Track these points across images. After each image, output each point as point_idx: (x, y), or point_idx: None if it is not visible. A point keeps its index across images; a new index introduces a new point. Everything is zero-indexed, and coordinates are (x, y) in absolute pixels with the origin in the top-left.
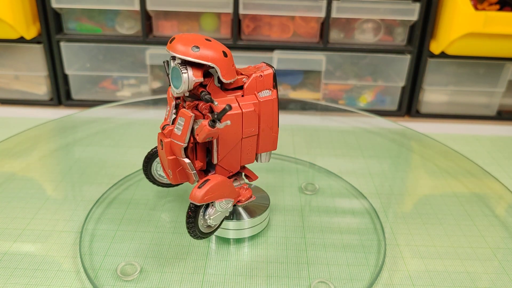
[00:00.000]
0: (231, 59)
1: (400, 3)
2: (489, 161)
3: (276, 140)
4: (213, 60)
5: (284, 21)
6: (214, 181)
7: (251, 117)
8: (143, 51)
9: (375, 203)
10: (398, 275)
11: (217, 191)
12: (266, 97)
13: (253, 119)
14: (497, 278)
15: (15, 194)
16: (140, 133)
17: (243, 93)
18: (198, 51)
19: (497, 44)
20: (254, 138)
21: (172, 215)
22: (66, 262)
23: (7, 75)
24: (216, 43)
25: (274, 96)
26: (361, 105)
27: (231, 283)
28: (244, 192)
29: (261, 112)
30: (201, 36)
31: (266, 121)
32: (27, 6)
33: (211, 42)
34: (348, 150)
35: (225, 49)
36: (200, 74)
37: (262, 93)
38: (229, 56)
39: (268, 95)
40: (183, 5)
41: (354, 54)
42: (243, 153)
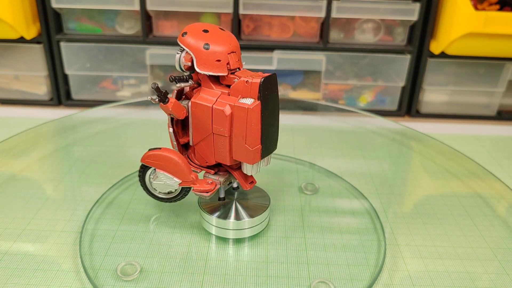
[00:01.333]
0: (215, 54)
1: (400, 3)
2: (489, 161)
3: (250, 154)
4: (190, 47)
5: (284, 21)
6: (162, 152)
7: (220, 115)
8: (143, 51)
9: (375, 203)
10: (398, 275)
11: (162, 162)
12: (241, 104)
13: (222, 119)
14: (497, 278)
15: (15, 194)
16: (140, 133)
17: (229, 92)
18: (184, 37)
19: (497, 44)
20: (225, 139)
21: (172, 215)
22: (66, 262)
23: (7, 75)
24: (211, 35)
25: (252, 107)
26: (361, 105)
27: (231, 283)
28: (204, 184)
29: (234, 117)
30: (212, 26)
31: (238, 128)
32: (27, 6)
33: (207, 33)
34: (348, 150)
35: (213, 41)
36: (190, 59)
37: (243, 99)
38: (212, 51)
39: (245, 103)
40: (183, 5)
41: (354, 54)
42: (216, 149)
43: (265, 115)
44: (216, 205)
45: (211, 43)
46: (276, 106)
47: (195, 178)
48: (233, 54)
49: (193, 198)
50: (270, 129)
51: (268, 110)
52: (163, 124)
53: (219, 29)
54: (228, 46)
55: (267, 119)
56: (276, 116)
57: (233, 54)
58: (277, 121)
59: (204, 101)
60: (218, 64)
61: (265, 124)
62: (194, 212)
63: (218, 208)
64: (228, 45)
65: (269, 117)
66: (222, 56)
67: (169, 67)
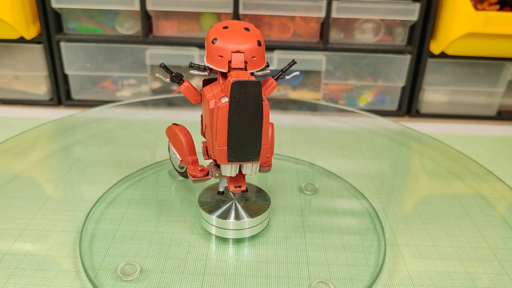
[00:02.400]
0: (218, 50)
1: (400, 3)
2: (489, 161)
3: (217, 153)
4: (206, 40)
5: (284, 21)
6: (174, 129)
7: (207, 108)
8: (143, 51)
9: (375, 203)
10: (398, 275)
11: (171, 137)
12: (217, 101)
13: (209, 111)
14: (497, 278)
15: (15, 194)
16: (140, 133)
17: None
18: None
19: (497, 44)
20: (210, 132)
21: (172, 215)
22: (66, 262)
23: (7, 75)
24: (224, 32)
25: (220, 105)
26: (361, 105)
27: (231, 283)
28: (196, 169)
29: (214, 113)
30: (238, 24)
31: (211, 124)
32: (27, 6)
33: (224, 30)
34: (348, 150)
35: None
36: None
37: (223, 98)
38: (216, 46)
39: (219, 101)
40: (183, 5)
41: (354, 54)
42: (207, 141)
43: (235, 119)
44: (216, 205)
45: (219, 38)
46: (256, 117)
47: (191, 161)
48: (239, 53)
49: (193, 198)
50: (243, 136)
51: (242, 116)
52: (163, 124)
53: (241, 28)
54: (235, 45)
55: (239, 124)
56: (254, 127)
57: (238, 53)
58: (256, 133)
59: (206, 92)
60: (220, 60)
61: (234, 127)
62: (194, 212)
63: (218, 208)
64: (235, 44)
65: (243, 123)
66: (224, 53)
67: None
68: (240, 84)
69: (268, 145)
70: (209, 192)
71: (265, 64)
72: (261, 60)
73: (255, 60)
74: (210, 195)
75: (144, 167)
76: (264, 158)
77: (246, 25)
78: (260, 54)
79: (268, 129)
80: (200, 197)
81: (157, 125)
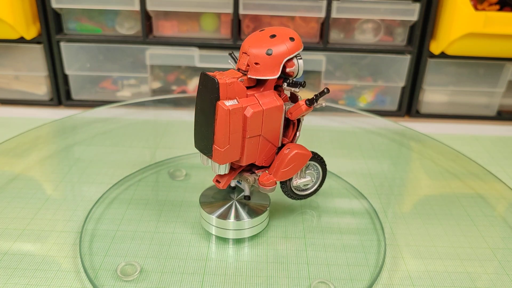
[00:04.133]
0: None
1: (400, 3)
2: (489, 161)
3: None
4: None
5: (284, 21)
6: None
7: None
8: (143, 51)
9: (375, 203)
10: (398, 275)
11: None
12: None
13: None
14: (497, 278)
15: (15, 194)
16: (140, 133)
17: None
18: None
19: (497, 44)
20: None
21: (172, 215)
22: (66, 262)
23: (7, 75)
24: (254, 34)
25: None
26: (361, 105)
27: (231, 283)
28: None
29: None
30: (275, 29)
31: None
32: (27, 6)
33: (256, 32)
34: (348, 150)
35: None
36: None
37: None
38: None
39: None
40: (183, 5)
41: (354, 54)
42: None
43: (197, 108)
44: (216, 205)
45: (246, 38)
46: (210, 114)
47: None
48: (245, 56)
49: (194, 198)
50: (201, 127)
51: (201, 107)
52: (163, 124)
53: (268, 34)
54: (246, 47)
55: (198, 113)
56: (206, 123)
57: (244, 55)
58: (207, 129)
59: None
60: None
61: (197, 115)
62: (194, 212)
63: (218, 208)
64: (246, 46)
65: (200, 115)
66: (240, 52)
67: (169, 67)
68: (203, 76)
69: (223, 149)
70: (209, 192)
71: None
72: (267, 70)
73: (258, 67)
74: (210, 195)
75: (144, 167)
76: (224, 161)
77: (281, 32)
78: (267, 63)
79: (224, 133)
80: (200, 197)
81: (157, 125)
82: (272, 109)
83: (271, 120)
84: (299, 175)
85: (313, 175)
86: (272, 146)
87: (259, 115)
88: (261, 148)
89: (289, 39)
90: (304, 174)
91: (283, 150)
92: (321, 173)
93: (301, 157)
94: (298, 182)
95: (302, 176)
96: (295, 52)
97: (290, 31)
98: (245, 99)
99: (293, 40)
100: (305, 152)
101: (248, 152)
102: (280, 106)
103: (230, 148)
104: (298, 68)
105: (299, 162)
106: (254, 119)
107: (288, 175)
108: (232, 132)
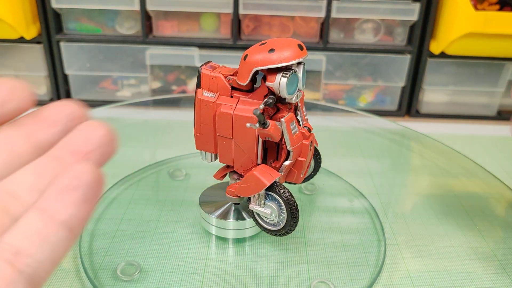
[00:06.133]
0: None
1: (400, 3)
2: (489, 161)
3: None
4: None
5: (284, 21)
6: None
7: None
8: (143, 51)
9: (375, 203)
10: (398, 275)
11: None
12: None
13: None
14: (497, 278)
15: None
16: (140, 133)
17: None
18: None
19: (497, 44)
20: None
21: (172, 215)
22: (66, 262)
23: (7, 75)
24: None
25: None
26: (361, 105)
27: (231, 283)
28: None
29: None
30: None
31: None
32: (27, 6)
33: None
34: (348, 150)
35: None
36: None
37: None
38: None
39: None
40: (183, 5)
41: (354, 54)
42: None
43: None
44: (216, 205)
45: None
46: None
47: None
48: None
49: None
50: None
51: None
52: (163, 124)
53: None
54: None
55: None
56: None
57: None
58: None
59: None
60: None
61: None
62: (194, 212)
63: (218, 208)
64: None
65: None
66: None
67: (169, 67)
68: (198, 73)
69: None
70: (209, 192)
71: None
72: (240, 75)
73: (238, 71)
74: (210, 195)
75: (144, 167)
76: (198, 146)
77: (270, 40)
78: (242, 68)
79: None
80: (200, 197)
81: (157, 125)
82: (242, 118)
83: (243, 128)
84: (257, 201)
85: (273, 209)
86: (249, 158)
87: (227, 117)
88: (235, 154)
89: (268, 50)
90: (263, 204)
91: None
92: (285, 213)
93: (256, 181)
94: (254, 207)
95: (261, 204)
96: (268, 65)
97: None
98: (226, 98)
99: (272, 51)
100: (263, 178)
101: (222, 152)
102: (252, 118)
103: (202, 136)
104: (279, 86)
105: (254, 186)
106: (221, 119)
107: (244, 192)
108: (203, 122)
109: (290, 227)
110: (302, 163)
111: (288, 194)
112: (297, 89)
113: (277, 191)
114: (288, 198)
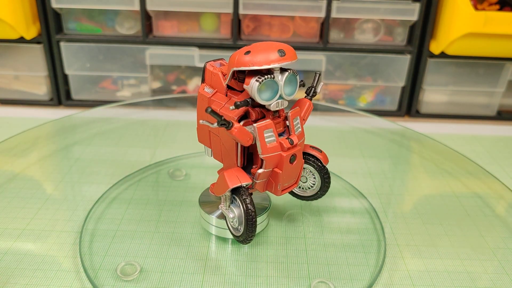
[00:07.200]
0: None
1: (400, 3)
2: (489, 161)
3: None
4: None
5: (284, 21)
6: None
7: None
8: (143, 51)
9: (375, 203)
10: (398, 275)
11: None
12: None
13: None
14: (497, 278)
15: (15, 194)
16: (140, 133)
17: None
18: None
19: (497, 44)
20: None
21: (172, 215)
22: (66, 262)
23: (7, 75)
24: None
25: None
26: (361, 105)
27: (231, 283)
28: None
29: None
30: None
31: None
32: (27, 6)
33: None
34: (348, 150)
35: None
36: None
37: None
38: None
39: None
40: (183, 5)
41: (354, 54)
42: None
43: None
44: (216, 205)
45: None
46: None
47: None
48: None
49: (194, 197)
50: None
51: None
52: (163, 125)
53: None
54: None
55: None
56: None
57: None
58: None
59: None
60: None
61: None
62: (194, 212)
63: (218, 208)
64: None
65: None
66: None
67: (169, 67)
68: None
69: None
70: (209, 192)
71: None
72: (226, 75)
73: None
74: (210, 195)
75: (144, 167)
76: (199, 138)
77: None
78: (227, 68)
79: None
80: (200, 197)
81: (157, 125)
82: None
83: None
84: (224, 202)
85: (234, 214)
86: (232, 158)
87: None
88: (224, 152)
89: (244, 52)
90: (228, 207)
91: None
92: (244, 223)
93: (223, 182)
94: (222, 207)
95: (226, 206)
96: (240, 67)
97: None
98: (221, 96)
99: (248, 53)
100: (229, 180)
101: (214, 148)
102: (226, 116)
103: (200, 129)
104: (251, 89)
105: (221, 186)
106: (210, 115)
107: (215, 191)
108: (199, 115)
109: (246, 237)
110: (278, 175)
111: (248, 203)
112: (278, 96)
113: (240, 197)
114: (247, 206)
